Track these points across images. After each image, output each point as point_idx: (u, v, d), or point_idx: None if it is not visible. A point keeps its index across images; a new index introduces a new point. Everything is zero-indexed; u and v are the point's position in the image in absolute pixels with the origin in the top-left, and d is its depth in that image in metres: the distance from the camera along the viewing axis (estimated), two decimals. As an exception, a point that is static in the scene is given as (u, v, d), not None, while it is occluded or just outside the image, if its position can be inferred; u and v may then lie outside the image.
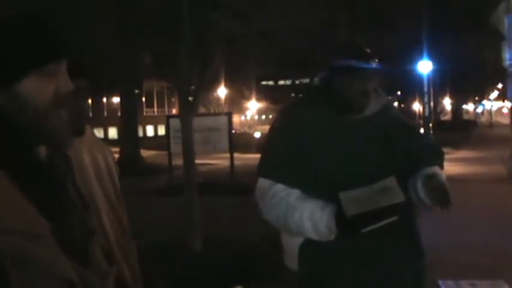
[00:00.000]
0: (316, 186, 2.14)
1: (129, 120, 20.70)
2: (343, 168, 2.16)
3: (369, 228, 2.02)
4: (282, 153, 2.22)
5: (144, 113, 50.82)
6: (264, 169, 2.27)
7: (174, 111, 48.52)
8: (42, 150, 1.17)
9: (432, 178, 2.18)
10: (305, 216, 2.10)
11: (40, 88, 1.09)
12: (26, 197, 1.06)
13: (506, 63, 14.71)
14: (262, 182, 2.23)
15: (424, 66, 17.68)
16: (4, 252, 1.00)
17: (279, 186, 2.17)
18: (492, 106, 70.09)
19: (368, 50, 2.26)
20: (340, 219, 2.04)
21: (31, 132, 1.10)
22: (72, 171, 1.29)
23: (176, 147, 11.53)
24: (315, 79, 2.40)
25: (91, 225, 1.26)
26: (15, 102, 1.07)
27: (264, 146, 2.40)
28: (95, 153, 2.06)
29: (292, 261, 2.25)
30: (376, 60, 2.25)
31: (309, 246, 2.17)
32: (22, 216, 1.04)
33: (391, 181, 2.11)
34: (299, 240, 2.20)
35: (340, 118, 2.23)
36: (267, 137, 2.39)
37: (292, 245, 2.23)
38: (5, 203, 1.03)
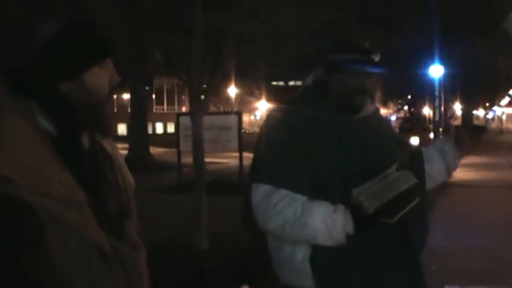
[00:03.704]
0: (321, 189, 2.02)
1: (138, 117, 20.76)
2: (347, 169, 2.05)
3: (397, 217, 1.91)
4: (283, 156, 2.05)
5: (154, 110, 50.95)
6: (262, 174, 2.08)
7: (183, 109, 48.57)
8: (85, 139, 1.30)
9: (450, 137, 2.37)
10: (318, 222, 1.95)
11: (100, 79, 1.26)
12: (68, 170, 1.19)
13: (518, 69, 14.70)
14: (261, 188, 2.05)
15: (436, 71, 17.59)
16: (43, 215, 1.10)
17: (282, 192, 2.01)
18: (503, 112, 69.64)
19: (367, 45, 2.11)
20: (361, 217, 1.91)
21: (89, 118, 1.26)
22: (111, 161, 1.40)
23: (186, 145, 11.55)
24: (307, 79, 2.27)
25: (128, 208, 1.37)
26: (79, 91, 1.23)
27: (260, 148, 2.17)
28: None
29: (293, 275, 2.10)
30: (378, 56, 2.10)
31: (322, 260, 2.02)
32: (62, 184, 1.16)
33: (394, 169, 2.11)
34: (301, 254, 2.05)
35: (339, 118, 2.12)
36: (263, 139, 2.18)
37: (293, 258, 2.07)
38: (48, 171, 1.15)
